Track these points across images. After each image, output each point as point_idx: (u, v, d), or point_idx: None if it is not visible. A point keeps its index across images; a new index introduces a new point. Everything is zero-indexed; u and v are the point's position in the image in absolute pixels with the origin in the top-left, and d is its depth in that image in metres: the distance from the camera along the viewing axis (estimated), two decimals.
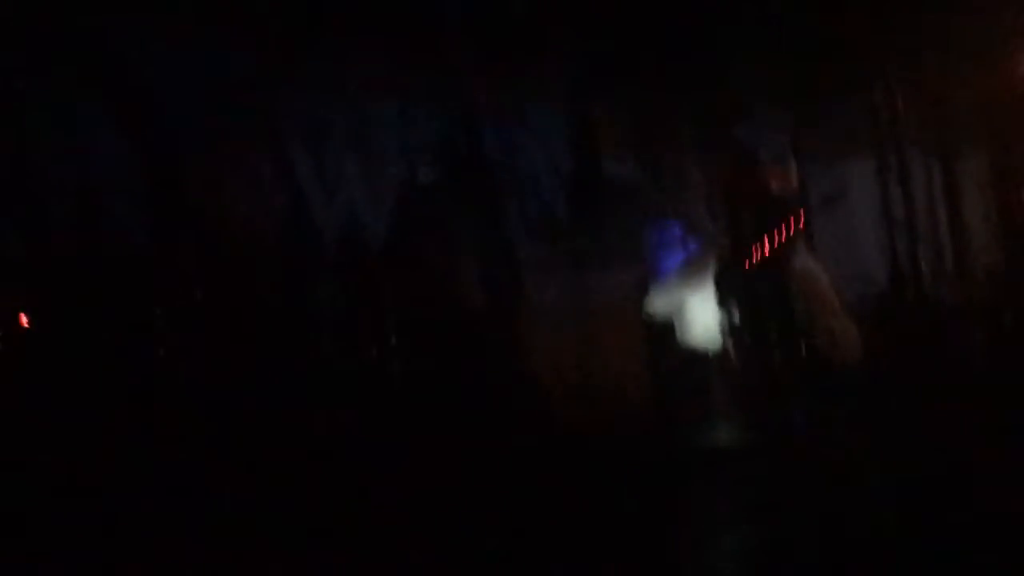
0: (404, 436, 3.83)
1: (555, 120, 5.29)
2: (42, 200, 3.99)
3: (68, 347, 3.69)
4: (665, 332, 5.18)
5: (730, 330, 5.30)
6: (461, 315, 4.37)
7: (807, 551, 2.74)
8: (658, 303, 5.28)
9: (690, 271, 5.40)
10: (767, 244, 5.55)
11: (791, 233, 5.90)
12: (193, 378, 3.83)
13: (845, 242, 6.41)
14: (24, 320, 3.66)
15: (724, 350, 5.26)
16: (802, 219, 6.53)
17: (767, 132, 5.95)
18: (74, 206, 4.04)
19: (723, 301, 5.43)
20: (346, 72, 4.61)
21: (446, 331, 4.34)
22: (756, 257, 5.32)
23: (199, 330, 3.98)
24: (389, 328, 4.40)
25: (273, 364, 4.01)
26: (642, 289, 5.25)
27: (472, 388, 4.16)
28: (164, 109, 4.25)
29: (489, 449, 3.76)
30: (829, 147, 6.57)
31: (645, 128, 5.03)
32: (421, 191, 4.95)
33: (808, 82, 5.87)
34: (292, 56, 4.45)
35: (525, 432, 4.03)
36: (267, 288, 4.32)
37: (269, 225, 4.50)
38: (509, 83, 4.99)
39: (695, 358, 5.14)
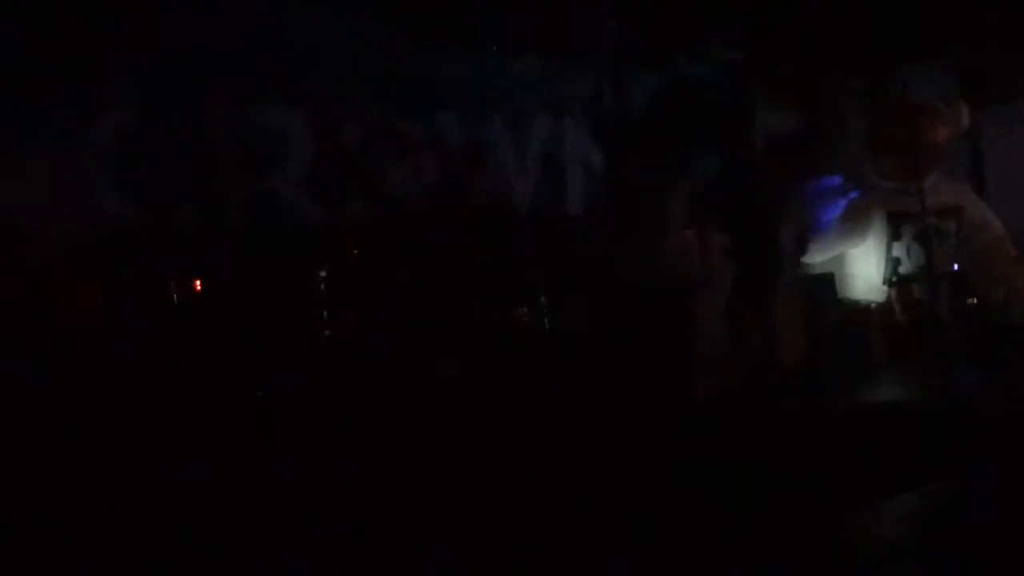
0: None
1: (712, 75, 5.17)
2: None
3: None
4: (826, 285, 5.01)
5: (896, 281, 5.08)
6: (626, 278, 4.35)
7: (982, 512, 2.61)
8: (819, 256, 5.11)
9: (851, 221, 5.19)
10: (936, 191, 5.27)
11: (959, 180, 5.59)
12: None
13: (1021, 188, 6.01)
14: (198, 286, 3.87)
15: (888, 303, 5.04)
16: (974, 166, 6.18)
17: (935, 74, 5.64)
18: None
19: (887, 251, 5.20)
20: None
21: (604, 292, 4.34)
22: (921, 205, 5.04)
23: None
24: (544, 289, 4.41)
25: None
26: (803, 242, 5.09)
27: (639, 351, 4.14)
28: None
29: (651, 418, 3.73)
30: (1005, 90, 6.16)
31: (804, 79, 4.83)
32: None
33: (981, 22, 5.50)
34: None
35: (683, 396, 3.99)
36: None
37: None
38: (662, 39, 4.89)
39: (859, 311, 4.96)
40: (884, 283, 5.10)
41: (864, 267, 5.14)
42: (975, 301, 5.03)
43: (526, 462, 3.31)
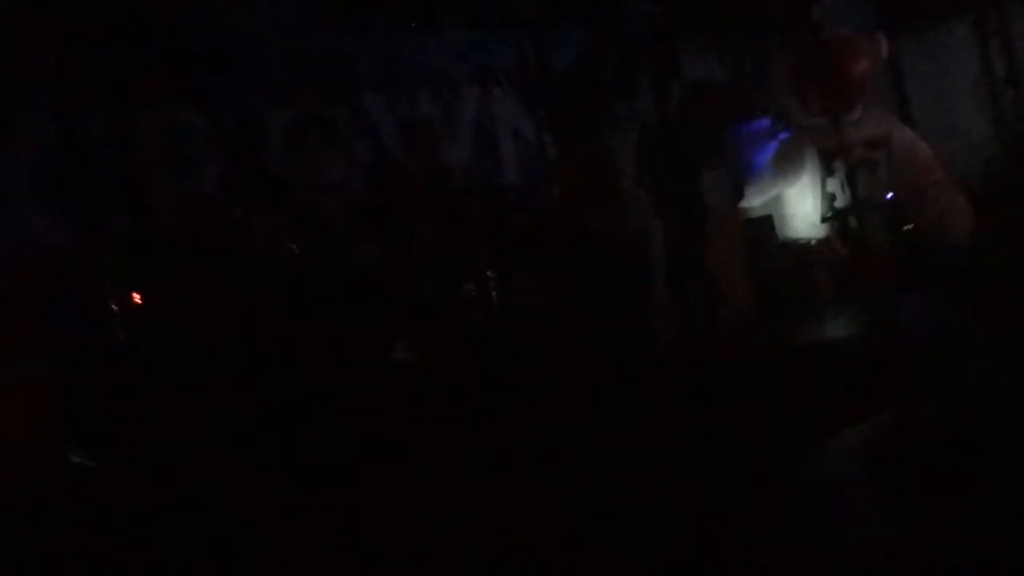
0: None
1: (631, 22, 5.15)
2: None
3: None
4: (765, 227, 5.06)
5: (833, 216, 5.15)
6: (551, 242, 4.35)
7: (927, 439, 2.69)
8: (756, 199, 5.16)
9: (784, 162, 5.24)
10: (863, 123, 5.33)
11: (885, 110, 5.67)
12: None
13: (945, 111, 6.11)
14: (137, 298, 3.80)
15: (827, 238, 5.12)
16: (898, 94, 6.26)
17: (850, 5, 5.68)
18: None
19: (821, 187, 5.27)
20: None
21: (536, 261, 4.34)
22: (850, 138, 5.11)
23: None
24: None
25: None
26: (738, 187, 5.12)
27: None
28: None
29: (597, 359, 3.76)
30: (920, 13, 6.24)
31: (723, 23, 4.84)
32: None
33: None
34: None
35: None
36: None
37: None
38: None
39: (799, 250, 5.02)
40: (822, 219, 5.17)
41: (801, 205, 5.20)
42: (911, 227, 5.12)
43: (491, 437, 3.32)
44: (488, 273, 4.40)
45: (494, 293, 4.39)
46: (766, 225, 4.96)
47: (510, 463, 3.06)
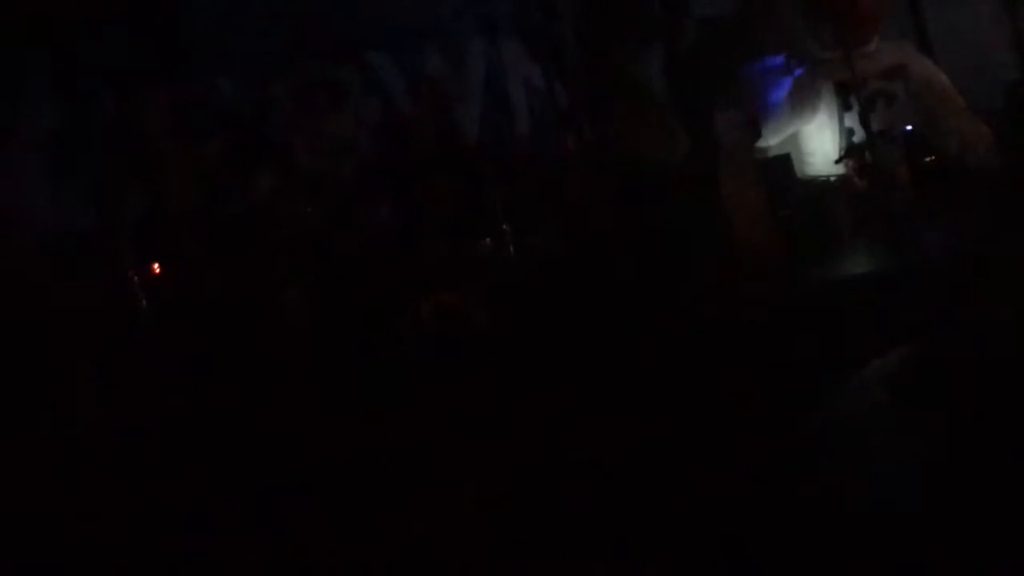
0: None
1: None
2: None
3: None
4: (783, 166, 4.99)
5: (851, 151, 5.08)
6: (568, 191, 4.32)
7: (954, 374, 2.66)
8: (773, 138, 5.09)
9: (799, 98, 5.16)
10: (879, 55, 5.24)
11: (900, 40, 5.56)
12: None
13: (963, 39, 5.98)
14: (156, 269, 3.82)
15: (847, 174, 5.05)
16: (914, 23, 6.14)
17: None
18: None
19: (839, 122, 5.19)
20: None
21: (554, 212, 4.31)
22: (866, 70, 5.02)
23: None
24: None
25: None
26: (754, 127, 5.05)
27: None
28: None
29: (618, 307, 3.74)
30: None
31: None
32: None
33: None
34: None
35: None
36: None
37: None
38: None
39: (819, 187, 4.96)
40: (841, 155, 5.10)
41: (819, 142, 5.13)
42: (932, 158, 5.03)
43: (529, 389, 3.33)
44: (504, 227, 4.38)
45: (512, 247, 4.37)
46: (785, 163, 4.89)
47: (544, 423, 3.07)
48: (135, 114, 4.06)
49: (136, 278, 3.75)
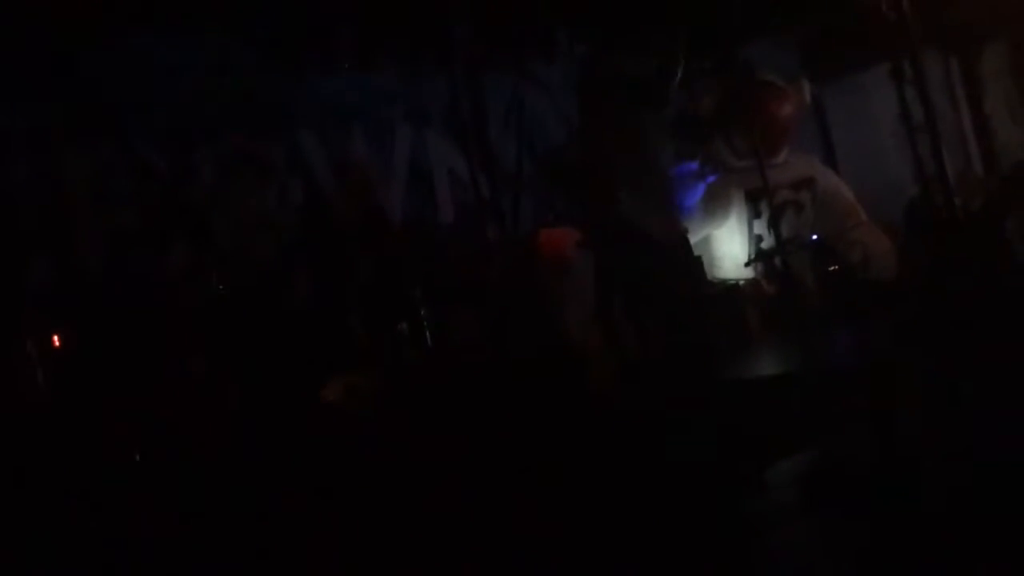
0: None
1: (559, 73, 5.25)
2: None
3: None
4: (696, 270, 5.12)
5: (759, 257, 5.25)
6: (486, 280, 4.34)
7: (860, 472, 2.74)
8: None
9: (712, 204, 5.34)
10: (788, 166, 5.48)
11: (809, 153, 5.83)
12: None
13: (866, 157, 6.31)
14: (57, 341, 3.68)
15: (755, 279, 5.21)
16: (821, 137, 6.45)
17: (775, 53, 5.85)
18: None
19: (748, 229, 5.38)
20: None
21: (472, 300, 4.32)
22: (776, 180, 5.24)
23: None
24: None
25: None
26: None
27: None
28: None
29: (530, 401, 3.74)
30: (841, 60, 6.46)
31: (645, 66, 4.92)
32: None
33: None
34: None
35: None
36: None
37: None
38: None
39: (728, 290, 5.10)
40: (749, 260, 5.28)
41: (729, 247, 5.30)
42: (836, 267, 5.24)
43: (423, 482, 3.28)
44: (422, 312, 4.36)
45: (428, 333, 4.36)
46: (697, 266, 5.03)
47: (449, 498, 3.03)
48: (50, 176, 3.96)
49: (34, 344, 3.61)
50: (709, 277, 5.02)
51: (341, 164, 4.69)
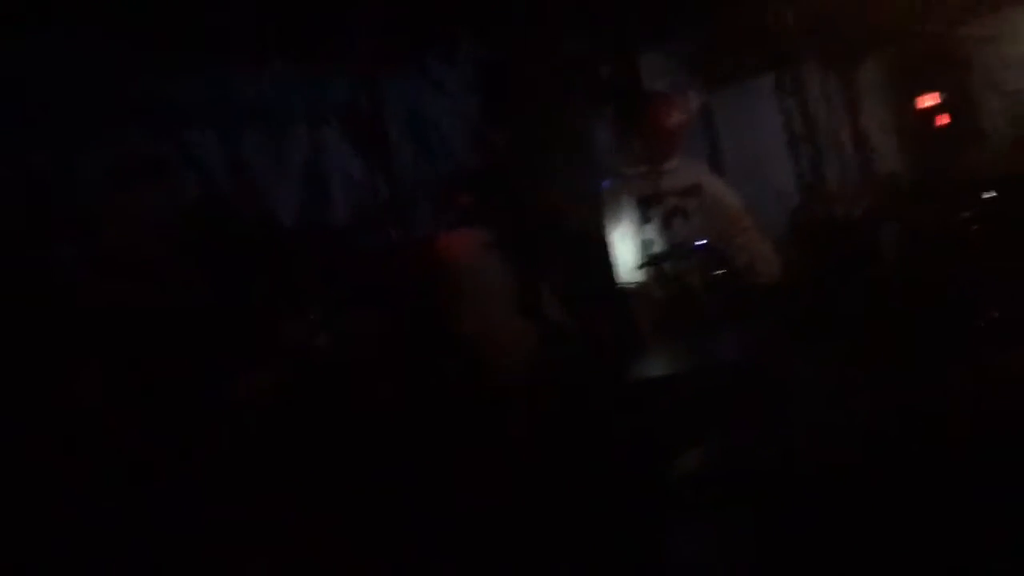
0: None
1: (459, 76, 5.27)
2: None
3: None
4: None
5: (649, 261, 5.39)
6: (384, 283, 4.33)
7: (748, 469, 2.85)
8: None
9: (605, 209, 5.45)
10: (677, 173, 5.63)
11: (698, 160, 6.01)
12: None
13: (754, 163, 6.55)
14: None
15: (646, 283, 5.34)
16: (710, 145, 6.66)
17: (663, 62, 6.02)
18: None
19: (639, 234, 5.51)
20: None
21: (369, 303, 4.31)
22: (665, 187, 5.39)
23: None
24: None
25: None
26: None
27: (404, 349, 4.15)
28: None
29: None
30: (729, 70, 6.67)
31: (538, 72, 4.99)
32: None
33: (699, 9, 5.93)
34: None
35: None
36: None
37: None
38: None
39: (619, 293, 5.21)
40: (640, 265, 5.41)
41: (621, 251, 5.42)
42: (723, 271, 5.42)
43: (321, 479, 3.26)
44: (317, 317, 4.33)
45: (321, 335, 4.32)
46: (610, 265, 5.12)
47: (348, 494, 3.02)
48: None
49: None
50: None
51: (235, 163, 4.61)
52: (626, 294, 5.19)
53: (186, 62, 4.39)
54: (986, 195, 6.05)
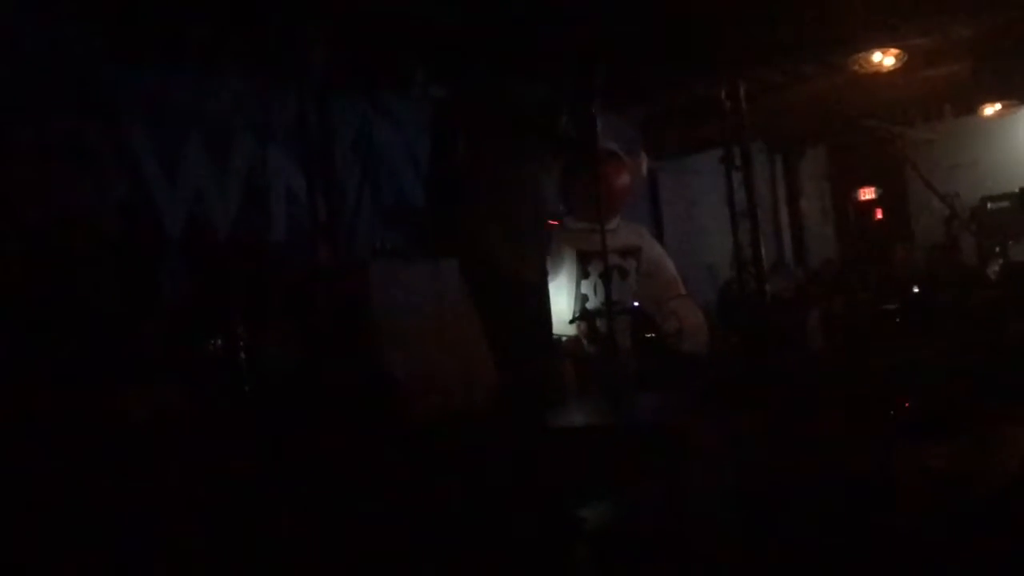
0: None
1: (411, 110, 5.28)
2: None
3: None
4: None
5: (583, 316, 5.41)
6: (310, 302, 4.26)
7: (662, 526, 2.84)
8: None
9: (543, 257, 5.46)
10: (619, 233, 5.69)
11: (639, 223, 6.11)
12: None
13: (692, 233, 6.68)
14: None
15: (578, 336, 5.36)
16: (652, 210, 6.77)
17: (617, 124, 6.11)
18: None
19: (576, 288, 5.54)
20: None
21: (293, 320, 4.22)
22: (608, 245, 5.42)
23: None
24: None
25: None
26: None
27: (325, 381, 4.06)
28: None
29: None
30: (677, 142, 6.81)
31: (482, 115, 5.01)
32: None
33: (657, 80, 6.05)
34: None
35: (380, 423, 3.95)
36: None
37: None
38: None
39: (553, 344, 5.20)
40: (574, 318, 5.42)
41: (557, 302, 5.43)
42: (652, 334, 5.46)
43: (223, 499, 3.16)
44: (240, 330, 4.22)
45: (243, 352, 4.22)
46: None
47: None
48: None
49: None
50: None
51: (171, 165, 4.52)
52: (557, 345, 5.18)
53: (139, 58, 4.32)
54: (914, 290, 6.25)
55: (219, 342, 4.20)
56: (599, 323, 5.28)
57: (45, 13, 4.08)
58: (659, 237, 6.52)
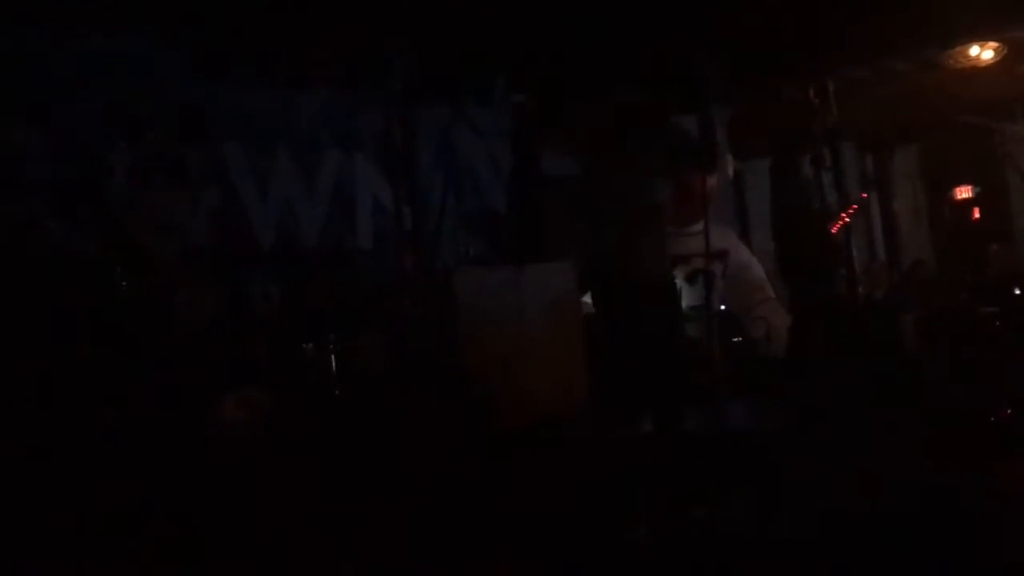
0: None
1: (492, 118, 5.31)
2: None
3: None
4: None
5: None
6: (397, 310, 4.32)
7: (751, 535, 2.81)
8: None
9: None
10: (703, 235, 5.60)
11: (726, 226, 6.00)
12: None
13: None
14: None
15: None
16: (739, 213, 6.65)
17: (704, 127, 6.02)
18: None
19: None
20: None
21: (381, 328, 4.29)
22: (691, 248, 5.36)
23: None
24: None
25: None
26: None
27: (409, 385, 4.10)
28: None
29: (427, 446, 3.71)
30: (765, 143, 6.67)
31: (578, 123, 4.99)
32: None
33: (741, 81, 5.95)
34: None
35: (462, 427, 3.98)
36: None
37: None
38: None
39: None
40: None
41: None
42: (740, 339, 5.37)
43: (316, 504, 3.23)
44: (331, 336, 4.31)
45: (333, 356, 4.30)
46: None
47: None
48: None
49: None
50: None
51: (262, 178, 4.64)
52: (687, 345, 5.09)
53: (229, 77, 4.46)
54: (1015, 291, 6.00)
55: (310, 347, 4.30)
56: (687, 328, 5.21)
57: (140, 39, 4.23)
58: (747, 240, 6.40)
